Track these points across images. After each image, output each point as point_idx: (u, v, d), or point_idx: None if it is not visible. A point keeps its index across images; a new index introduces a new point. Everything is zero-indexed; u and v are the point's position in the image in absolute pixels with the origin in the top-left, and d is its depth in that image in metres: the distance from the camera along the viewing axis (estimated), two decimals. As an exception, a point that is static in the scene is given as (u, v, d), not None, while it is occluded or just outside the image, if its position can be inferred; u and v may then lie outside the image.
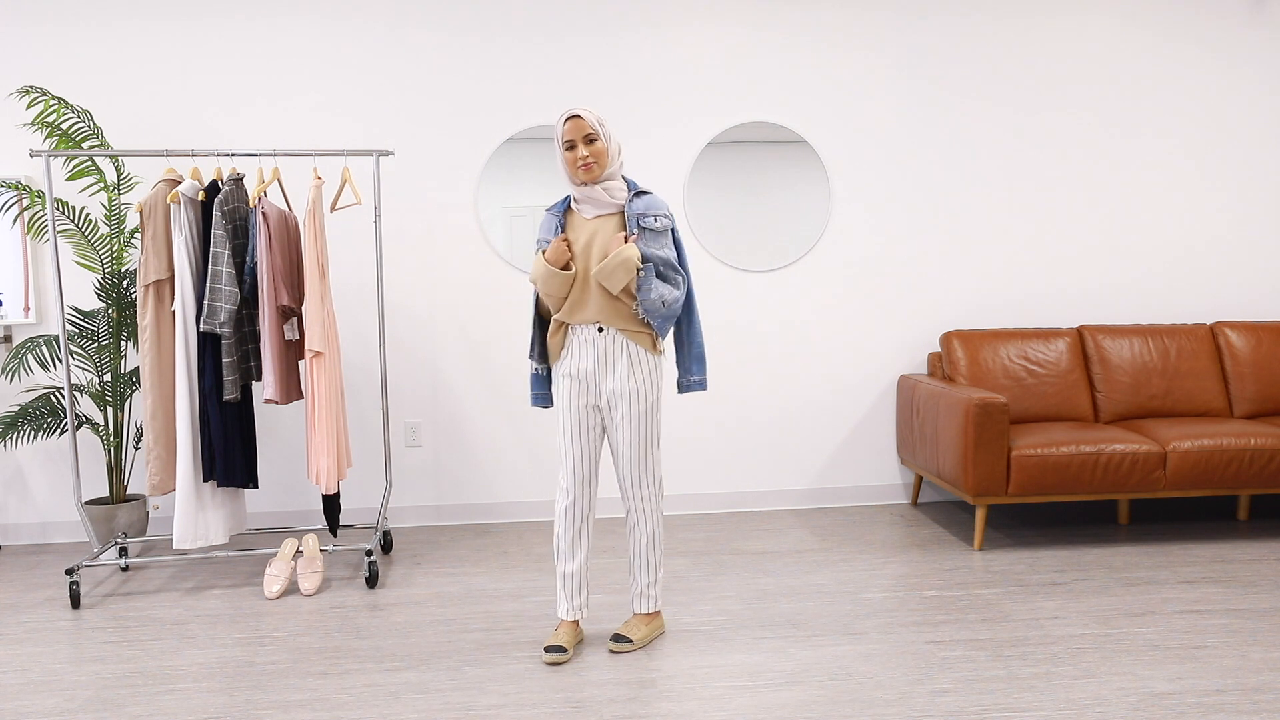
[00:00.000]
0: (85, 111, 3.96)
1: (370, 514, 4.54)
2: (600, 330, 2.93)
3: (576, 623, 3.10)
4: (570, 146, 2.86)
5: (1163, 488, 3.99)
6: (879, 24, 4.59)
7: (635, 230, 2.90)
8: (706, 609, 3.40)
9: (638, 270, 2.87)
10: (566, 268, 2.92)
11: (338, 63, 4.35)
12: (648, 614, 3.13)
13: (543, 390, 3.09)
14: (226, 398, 3.53)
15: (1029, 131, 4.70)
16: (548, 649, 2.98)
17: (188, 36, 4.28)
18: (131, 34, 4.25)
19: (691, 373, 3.08)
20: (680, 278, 2.96)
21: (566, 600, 3.07)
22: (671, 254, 2.95)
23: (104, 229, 4.22)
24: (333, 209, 3.84)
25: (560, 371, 3.00)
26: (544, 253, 2.93)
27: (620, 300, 2.91)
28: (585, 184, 2.91)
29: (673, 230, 3.00)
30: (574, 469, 3.00)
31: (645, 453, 3.00)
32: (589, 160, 2.85)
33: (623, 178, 2.98)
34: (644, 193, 2.97)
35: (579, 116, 2.84)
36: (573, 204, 2.98)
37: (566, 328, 2.98)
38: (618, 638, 3.06)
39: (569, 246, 2.92)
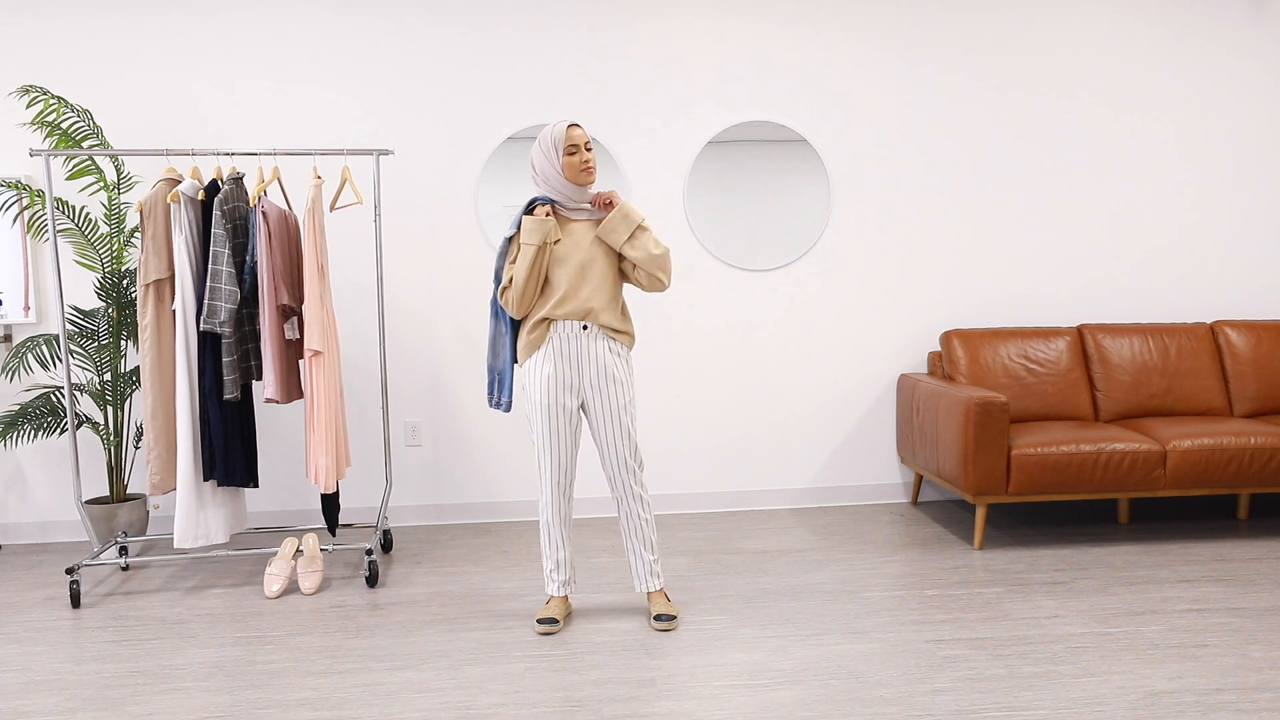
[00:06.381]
0: (85, 111, 3.96)
1: (370, 513, 4.54)
2: (585, 328, 3.10)
3: (565, 597, 3.28)
4: (573, 152, 3.06)
5: (1163, 487, 3.99)
6: (879, 22, 4.59)
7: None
8: (706, 608, 3.40)
9: (638, 227, 3.08)
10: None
11: (338, 62, 4.35)
12: (659, 590, 3.27)
13: (509, 396, 3.21)
14: (227, 397, 3.53)
15: (1029, 131, 4.70)
16: (541, 620, 3.18)
17: (188, 36, 4.28)
18: (131, 33, 4.25)
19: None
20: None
21: (558, 581, 3.26)
22: None
23: (104, 228, 4.22)
24: (332, 208, 3.84)
25: (535, 370, 3.12)
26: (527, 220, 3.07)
27: (607, 293, 3.10)
28: (584, 186, 3.11)
29: None
30: (557, 466, 3.15)
31: (633, 442, 3.17)
32: (591, 165, 3.08)
33: None
34: None
35: (580, 126, 3.07)
36: (557, 207, 3.13)
37: (548, 324, 3.10)
38: (662, 617, 3.19)
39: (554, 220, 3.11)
